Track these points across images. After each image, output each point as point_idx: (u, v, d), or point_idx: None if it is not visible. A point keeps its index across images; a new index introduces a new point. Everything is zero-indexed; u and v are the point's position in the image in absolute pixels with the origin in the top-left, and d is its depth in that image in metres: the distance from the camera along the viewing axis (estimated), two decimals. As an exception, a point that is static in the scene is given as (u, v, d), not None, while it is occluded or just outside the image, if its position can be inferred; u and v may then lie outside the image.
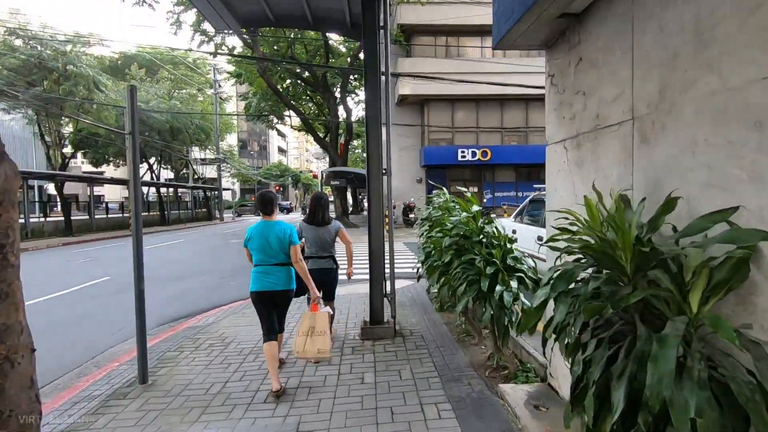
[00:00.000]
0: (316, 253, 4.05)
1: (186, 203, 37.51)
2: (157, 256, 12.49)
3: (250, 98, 28.34)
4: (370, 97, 4.50)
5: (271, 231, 3.32)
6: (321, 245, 4.04)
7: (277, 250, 3.32)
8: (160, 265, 10.62)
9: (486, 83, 14.94)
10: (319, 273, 3.95)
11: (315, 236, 4.04)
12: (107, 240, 19.60)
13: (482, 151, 20.64)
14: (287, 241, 3.32)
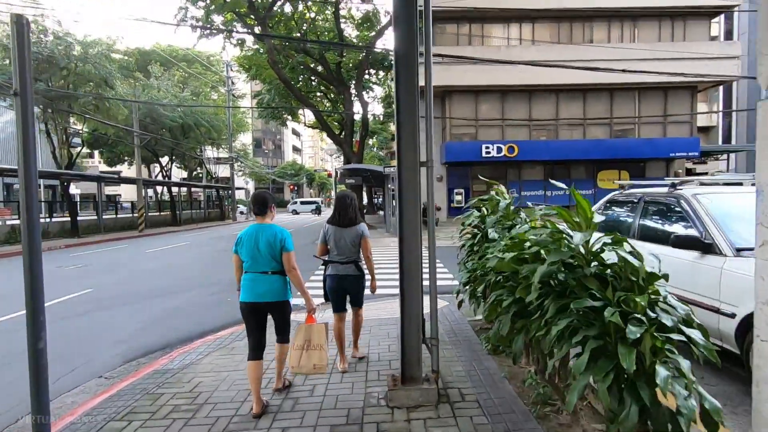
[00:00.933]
0: (336, 257, 3.63)
1: (199, 203, 36.79)
2: (154, 262, 11.38)
3: (263, 95, 27.33)
4: (403, 52, 3.14)
5: (262, 235, 2.98)
6: (342, 248, 3.61)
7: (267, 256, 2.97)
8: (152, 274, 9.45)
9: (528, 63, 13.34)
10: (339, 279, 3.62)
11: (337, 239, 3.62)
12: (112, 242, 18.72)
13: (508, 147, 19.07)
14: (278, 246, 2.97)
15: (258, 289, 2.97)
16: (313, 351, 3.08)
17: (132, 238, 20.55)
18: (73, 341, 5.08)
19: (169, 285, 8.07)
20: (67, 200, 20.38)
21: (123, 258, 12.40)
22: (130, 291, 7.56)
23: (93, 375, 4.12)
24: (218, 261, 11.32)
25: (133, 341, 5.03)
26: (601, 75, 18.43)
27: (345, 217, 3.63)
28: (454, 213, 20.81)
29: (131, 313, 6.16)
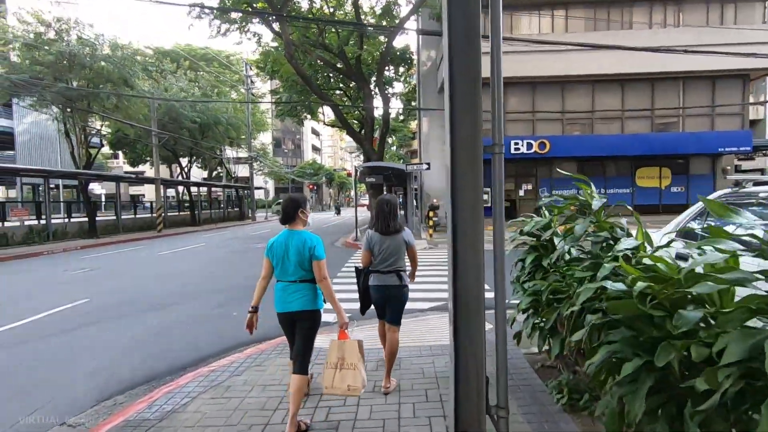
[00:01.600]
0: (379, 265, 3.41)
1: (218, 202, 36.62)
2: (164, 266, 10.72)
3: (280, 93, 26.73)
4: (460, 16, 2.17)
5: (292, 243, 2.86)
6: (386, 257, 3.41)
7: (296, 264, 2.84)
8: (158, 280, 8.74)
9: (565, 44, 12.18)
10: (381, 290, 3.42)
11: (381, 246, 3.41)
12: (129, 242, 18.37)
13: (539, 143, 17.81)
14: (307, 255, 2.82)
15: (287, 298, 2.87)
16: (347, 370, 2.88)
17: (149, 238, 20.21)
18: (46, 368, 4.30)
19: (173, 293, 7.32)
20: (85, 200, 20.16)
21: (133, 261, 11.82)
22: (129, 301, 6.83)
23: (56, 420, 3.30)
24: (230, 265, 10.58)
25: (116, 369, 4.23)
26: (642, 64, 17.00)
27: (388, 224, 3.41)
28: (480, 213, 19.68)
29: (123, 329, 5.39)
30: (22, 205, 18.58)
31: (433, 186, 19.25)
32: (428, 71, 19.70)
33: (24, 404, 3.53)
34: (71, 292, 7.47)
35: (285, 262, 2.86)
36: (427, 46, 19.39)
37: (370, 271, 3.47)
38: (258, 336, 4.94)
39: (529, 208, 19.45)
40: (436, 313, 5.87)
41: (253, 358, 4.16)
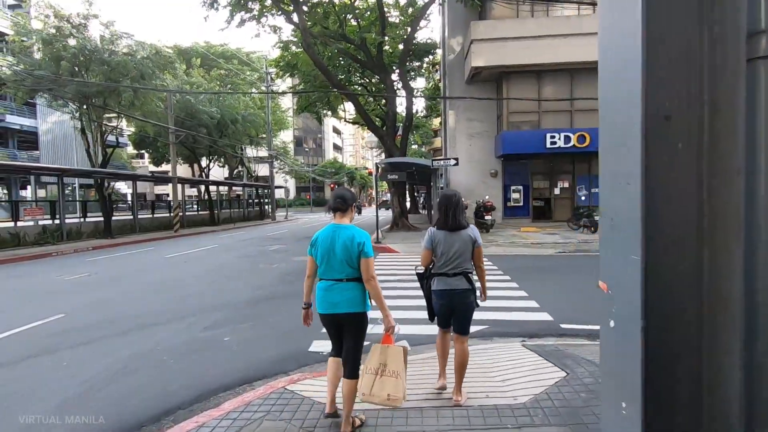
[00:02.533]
0: (443, 267, 3.04)
1: (238, 202, 36.16)
2: (165, 271, 9.79)
3: (299, 87, 25.81)
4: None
5: (339, 237, 2.64)
6: (452, 258, 3.03)
7: (343, 261, 2.62)
8: (151, 289, 7.77)
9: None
10: (447, 295, 3.05)
11: (446, 246, 3.03)
12: (143, 243, 17.75)
13: (579, 136, 16.18)
14: (356, 251, 2.61)
15: (332, 299, 2.66)
16: (388, 378, 2.65)
17: (165, 239, 19.61)
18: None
19: (164, 309, 6.28)
20: (101, 199, 19.71)
21: (137, 265, 10.98)
22: (109, 318, 5.83)
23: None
24: (238, 272, 9.55)
25: (54, 423, 3.13)
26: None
27: (455, 219, 3.09)
28: (510, 213, 18.19)
29: (82, 362, 4.33)
30: (36, 204, 18.19)
31: (460, 183, 17.85)
32: (455, 60, 18.30)
33: None
34: (52, 305, 6.55)
35: (331, 258, 2.65)
36: (454, 32, 18.00)
37: (432, 275, 3.15)
38: (241, 373, 3.82)
39: (564, 208, 17.84)
40: (501, 341, 4.65)
41: (231, 420, 2.99)
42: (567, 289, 7.04)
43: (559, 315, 5.50)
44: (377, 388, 2.63)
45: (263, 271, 9.39)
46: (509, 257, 10.67)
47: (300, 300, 2.90)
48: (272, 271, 9.30)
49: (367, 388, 2.65)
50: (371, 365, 2.69)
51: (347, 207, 2.73)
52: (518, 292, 6.78)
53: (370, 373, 2.68)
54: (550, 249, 12.03)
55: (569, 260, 10.16)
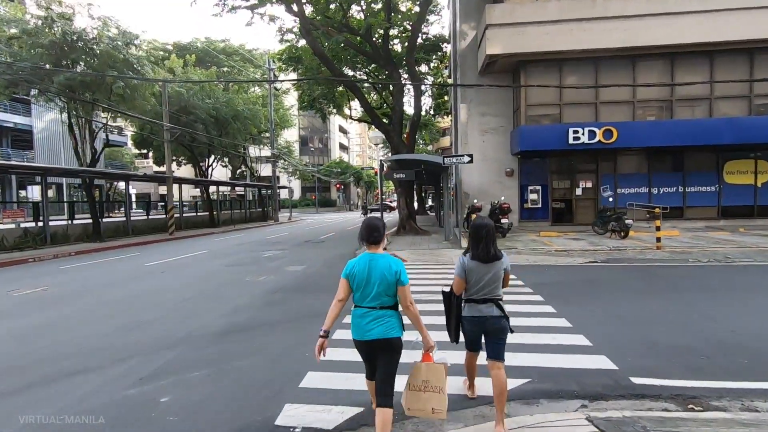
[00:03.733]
0: (474, 294, 3.05)
1: (239, 203, 34.96)
2: (132, 286, 8.48)
3: (304, 84, 24.50)
4: None
5: (376, 268, 2.69)
6: (483, 286, 3.03)
7: (380, 290, 2.68)
8: (101, 314, 6.43)
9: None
10: (477, 322, 3.07)
11: (479, 276, 3.04)
12: (132, 247, 16.56)
13: (605, 131, 14.64)
14: (393, 280, 2.67)
15: (367, 326, 2.67)
16: (432, 393, 2.76)
17: (157, 242, 18.43)
18: None
19: (104, 343, 4.94)
20: (89, 201, 18.56)
21: (108, 275, 9.70)
22: (31, 356, 4.51)
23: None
24: (218, 286, 8.20)
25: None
26: (737, 29, 13.57)
27: (489, 251, 3.03)
28: (528, 216, 16.68)
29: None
30: (18, 205, 17.05)
31: (472, 183, 16.42)
32: (467, 49, 16.84)
33: None
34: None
35: (367, 287, 2.70)
36: (466, 17, 16.54)
37: (463, 300, 3.14)
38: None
39: (587, 210, 16.31)
40: (552, 407, 3.25)
41: None
42: (618, 314, 5.59)
43: (623, 359, 4.08)
44: (422, 402, 2.76)
45: (248, 285, 8.04)
46: (534, 269, 9.22)
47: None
48: (259, 285, 7.95)
49: (413, 403, 2.78)
50: (414, 382, 2.80)
51: (381, 238, 2.79)
52: (558, 320, 5.33)
53: (414, 389, 2.79)
54: (579, 257, 10.55)
55: (606, 272, 8.68)
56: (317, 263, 10.67)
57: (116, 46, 16.28)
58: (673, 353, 4.22)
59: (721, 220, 15.80)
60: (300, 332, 5.06)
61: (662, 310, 5.74)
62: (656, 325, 5.09)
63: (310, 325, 5.33)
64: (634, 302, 6.20)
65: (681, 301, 6.25)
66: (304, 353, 4.37)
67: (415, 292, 5.93)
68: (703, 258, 9.95)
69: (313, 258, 11.69)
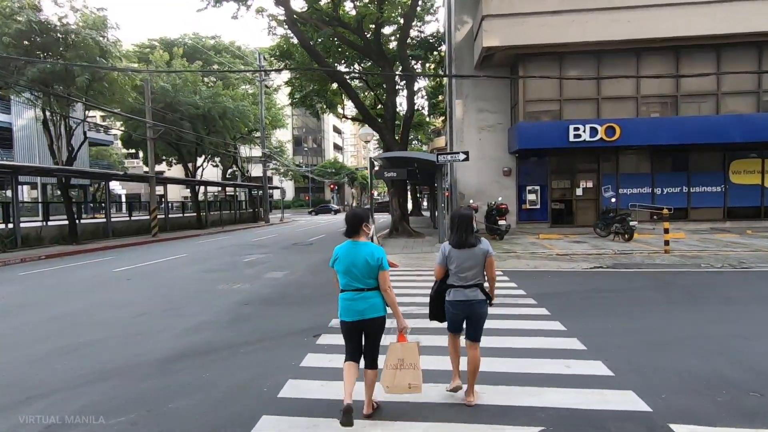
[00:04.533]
0: (460, 281, 3.25)
1: (229, 203, 33.99)
2: (88, 298, 7.61)
3: (295, 81, 23.63)
4: None
5: (359, 254, 3.00)
6: (467, 272, 3.23)
7: (365, 274, 3.00)
8: (38, 330, 5.56)
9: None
10: (463, 307, 3.25)
11: (460, 262, 3.24)
12: (109, 250, 15.66)
13: (607, 128, 13.93)
14: (376, 266, 3.00)
15: (357, 307, 3.00)
16: (407, 370, 3.02)
17: (138, 244, 17.53)
18: None
19: (11, 378, 4.07)
20: (65, 201, 17.60)
21: (65, 284, 8.82)
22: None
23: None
24: (183, 297, 7.33)
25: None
26: (747, 21, 12.91)
27: (468, 238, 3.24)
28: (526, 217, 15.94)
29: None
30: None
31: (468, 183, 15.65)
32: (463, 41, 16.08)
33: None
34: None
35: (352, 270, 2.98)
36: (462, 8, 15.77)
37: (449, 286, 3.32)
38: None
39: (587, 211, 15.60)
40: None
41: None
42: (638, 333, 4.82)
43: (656, 397, 3.29)
44: (399, 379, 2.99)
45: (219, 296, 7.19)
46: (535, 275, 8.45)
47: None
48: (231, 296, 7.11)
49: (390, 381, 3.01)
50: (390, 362, 3.03)
51: (358, 231, 3.03)
52: (569, 341, 4.55)
53: (390, 368, 3.02)
54: (583, 262, 9.80)
55: (615, 280, 7.92)
56: (300, 269, 9.84)
57: (90, 35, 15.32)
58: (714, 387, 3.44)
59: (726, 221, 15.13)
60: (264, 358, 4.24)
61: (687, 327, 4.98)
62: (685, 348, 4.32)
63: (279, 348, 4.51)
64: (653, 317, 5.44)
65: (705, 316, 5.50)
66: (263, 387, 3.56)
67: (403, 303, 5.14)
68: (716, 263, 9.23)
69: (297, 263, 10.86)
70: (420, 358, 3.04)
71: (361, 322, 2.99)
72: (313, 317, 5.62)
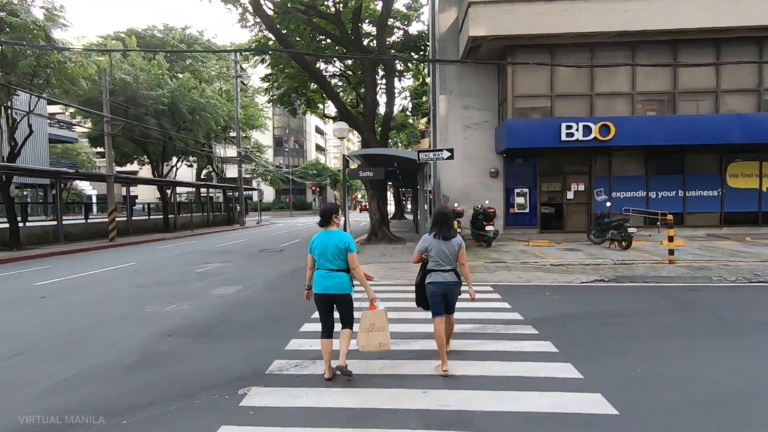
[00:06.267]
0: (439, 266, 3.94)
1: (202, 206, 32.11)
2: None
3: (273, 76, 22.08)
4: None
5: (331, 239, 3.69)
6: (444, 258, 3.93)
7: (335, 256, 3.66)
8: None
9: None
10: (441, 286, 3.93)
11: (439, 250, 3.93)
12: (51, 257, 13.94)
13: (601, 126, 12.91)
14: (344, 248, 3.67)
15: (327, 283, 3.66)
16: (377, 332, 3.69)
17: (89, 250, 15.83)
18: None
19: None
20: (5, 202, 15.73)
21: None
22: None
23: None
24: (85, 330, 5.83)
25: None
26: (752, 14, 12.07)
27: (447, 232, 3.94)
28: (514, 222, 14.82)
29: None
30: None
31: (453, 185, 14.44)
32: (448, 32, 14.92)
33: None
34: None
35: (325, 253, 3.66)
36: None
37: (429, 271, 3.95)
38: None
39: (578, 216, 14.57)
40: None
41: None
42: (683, 383, 3.59)
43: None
44: (371, 339, 3.68)
45: (141, 321, 5.74)
46: (530, 291, 7.23)
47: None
48: (156, 321, 5.67)
49: (364, 341, 3.70)
50: (364, 326, 3.72)
51: (329, 222, 3.75)
52: (591, 397, 3.28)
53: (364, 331, 3.71)
54: (581, 274, 8.66)
55: (623, 297, 6.76)
56: (258, 282, 8.43)
57: (32, 19, 13.62)
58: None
59: (723, 227, 14.29)
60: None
61: (735, 370, 3.79)
62: (751, 408, 3.11)
63: (179, 419, 3.09)
64: (691, 354, 4.24)
65: (748, 350, 4.33)
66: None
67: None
68: (729, 275, 8.20)
69: (258, 274, 9.43)
70: (388, 323, 3.76)
71: (329, 296, 3.64)
72: (248, 356, 4.25)
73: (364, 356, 3.99)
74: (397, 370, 3.87)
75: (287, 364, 4.02)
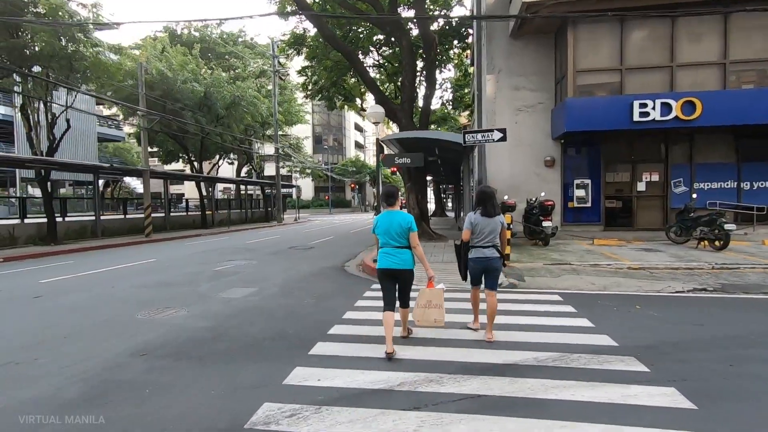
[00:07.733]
0: (481, 242, 4.22)
1: (241, 202, 32.01)
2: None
3: (311, 68, 21.18)
4: None
5: (394, 219, 3.93)
6: (486, 236, 4.20)
7: (399, 234, 3.90)
8: None
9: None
10: (483, 261, 4.21)
11: (483, 227, 4.21)
12: (85, 252, 13.84)
13: (684, 103, 10.76)
14: (407, 228, 3.91)
15: (391, 259, 3.91)
16: (433, 309, 3.97)
17: (125, 245, 15.63)
18: None
19: None
20: (44, 196, 15.75)
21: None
22: None
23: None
24: (55, 342, 4.86)
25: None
26: None
27: (491, 209, 4.23)
28: (573, 218, 12.90)
29: None
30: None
31: (501, 176, 12.73)
32: (496, 4, 13.23)
33: None
34: None
35: (390, 231, 3.90)
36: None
37: (470, 247, 4.28)
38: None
39: (651, 211, 12.45)
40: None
41: None
42: None
43: None
44: (427, 315, 3.96)
45: (124, 331, 4.69)
46: (611, 302, 5.58)
47: None
48: (141, 332, 4.60)
49: (420, 317, 3.99)
50: (421, 302, 3.99)
51: (395, 200, 4.04)
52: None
53: (420, 307, 3.99)
54: (672, 280, 6.84)
55: (741, 312, 4.98)
56: (275, 285, 7.28)
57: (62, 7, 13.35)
58: None
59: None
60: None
61: None
62: None
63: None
64: None
65: None
66: None
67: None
68: None
69: (276, 275, 8.32)
70: (444, 302, 4.03)
71: (393, 270, 3.91)
72: (231, 394, 3.02)
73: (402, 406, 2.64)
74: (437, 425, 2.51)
75: (278, 413, 2.74)
